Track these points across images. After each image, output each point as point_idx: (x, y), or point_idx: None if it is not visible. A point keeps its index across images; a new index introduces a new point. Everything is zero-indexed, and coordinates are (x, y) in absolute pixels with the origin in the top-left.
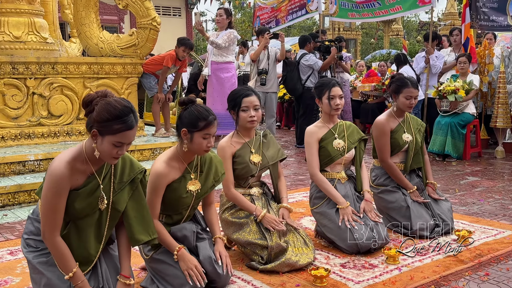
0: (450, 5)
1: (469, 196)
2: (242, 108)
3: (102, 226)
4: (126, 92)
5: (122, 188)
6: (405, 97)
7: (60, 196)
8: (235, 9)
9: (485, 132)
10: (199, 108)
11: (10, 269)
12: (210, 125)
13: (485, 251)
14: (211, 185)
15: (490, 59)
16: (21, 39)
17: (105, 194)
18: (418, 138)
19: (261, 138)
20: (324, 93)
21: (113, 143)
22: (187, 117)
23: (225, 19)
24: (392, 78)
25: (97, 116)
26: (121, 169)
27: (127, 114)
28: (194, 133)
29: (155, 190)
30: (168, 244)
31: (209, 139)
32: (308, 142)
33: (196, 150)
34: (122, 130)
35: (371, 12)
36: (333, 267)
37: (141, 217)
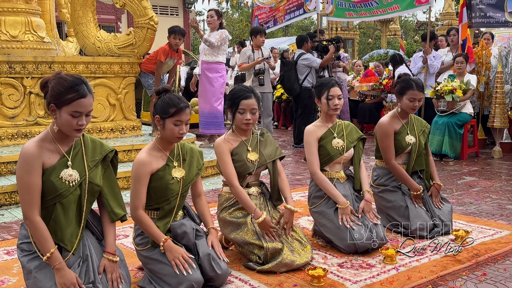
0: (447, 5)
1: (467, 196)
2: (239, 110)
3: (82, 201)
4: (123, 91)
5: (96, 165)
6: (409, 99)
7: (32, 174)
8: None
9: (483, 132)
10: (172, 96)
11: (7, 269)
12: (180, 111)
13: (483, 251)
14: (196, 173)
15: (487, 59)
16: (18, 39)
17: (79, 171)
18: (422, 140)
19: (258, 137)
20: (323, 93)
21: (70, 114)
22: (160, 105)
23: (216, 20)
24: (398, 78)
25: (52, 91)
26: (92, 148)
27: (78, 84)
28: (166, 120)
29: (139, 178)
30: (154, 235)
31: (181, 125)
32: (307, 141)
33: (169, 136)
34: (76, 98)
35: (368, 11)
36: (331, 267)
37: (114, 193)
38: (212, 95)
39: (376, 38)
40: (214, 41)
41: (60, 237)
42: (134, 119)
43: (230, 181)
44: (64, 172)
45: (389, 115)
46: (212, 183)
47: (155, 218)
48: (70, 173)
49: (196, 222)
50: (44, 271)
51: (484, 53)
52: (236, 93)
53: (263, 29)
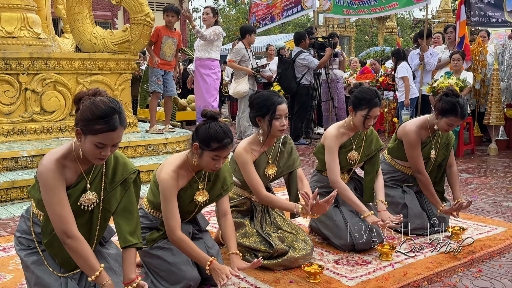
0: (444, 2)
1: (462, 193)
2: (276, 116)
3: (93, 227)
4: (119, 88)
5: (114, 188)
6: (448, 123)
7: (60, 189)
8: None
9: (478, 129)
10: (218, 128)
11: (3, 265)
12: (223, 148)
13: (478, 248)
14: (218, 194)
15: (484, 57)
16: (13, 35)
17: (97, 194)
18: (441, 153)
19: (280, 147)
20: (363, 109)
21: (95, 144)
22: (203, 133)
23: (211, 17)
24: (446, 95)
25: (81, 115)
26: (113, 169)
27: (110, 115)
28: (205, 151)
29: (168, 199)
30: (199, 258)
31: (218, 160)
32: (329, 147)
33: (204, 167)
34: (104, 131)
35: (367, 9)
36: (327, 263)
37: (131, 218)
38: (206, 91)
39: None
40: (206, 34)
41: (58, 256)
42: (131, 116)
43: (257, 190)
44: (83, 197)
45: (417, 125)
46: None
47: (159, 219)
48: (89, 197)
49: (200, 226)
50: (42, 267)
51: (480, 51)
52: (267, 99)
53: (254, 28)
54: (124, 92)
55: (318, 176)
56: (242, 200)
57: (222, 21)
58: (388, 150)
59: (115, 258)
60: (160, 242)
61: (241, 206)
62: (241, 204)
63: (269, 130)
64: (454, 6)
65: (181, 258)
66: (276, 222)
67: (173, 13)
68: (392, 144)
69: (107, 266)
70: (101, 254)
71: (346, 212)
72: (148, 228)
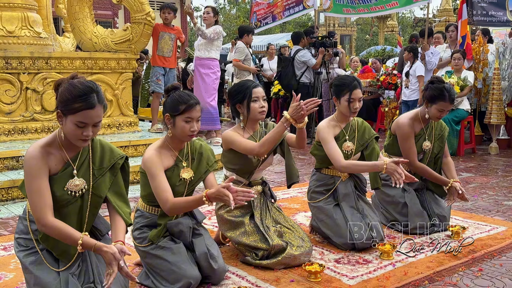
0: (445, 2)
1: None
2: (253, 98)
3: (84, 213)
4: (120, 87)
5: (102, 174)
6: (438, 109)
7: (40, 178)
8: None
9: (479, 129)
10: (181, 93)
11: (4, 264)
12: (190, 108)
13: (479, 247)
14: (205, 171)
15: (485, 56)
16: (14, 34)
17: (85, 181)
18: (437, 145)
19: (264, 130)
20: (344, 94)
21: (75, 123)
22: (169, 102)
23: (212, 16)
24: (431, 83)
25: (60, 97)
26: (100, 156)
27: (87, 93)
28: (176, 117)
29: (155, 174)
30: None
31: (191, 123)
32: (324, 137)
33: (180, 135)
34: (82, 108)
35: (367, 7)
36: (327, 262)
37: (126, 201)
38: (205, 91)
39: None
40: (207, 32)
41: (55, 249)
42: (131, 115)
43: (252, 147)
44: (69, 183)
45: (410, 117)
46: None
47: (156, 215)
48: (76, 183)
49: (197, 219)
50: (40, 267)
51: (481, 50)
52: (243, 85)
53: (252, 28)
54: (125, 91)
55: (317, 175)
56: None
57: (222, 20)
58: (385, 148)
59: None
60: (160, 241)
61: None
62: None
63: (248, 114)
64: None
65: (181, 257)
66: (275, 216)
67: (169, 10)
68: (387, 140)
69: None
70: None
71: (347, 208)
72: (146, 227)
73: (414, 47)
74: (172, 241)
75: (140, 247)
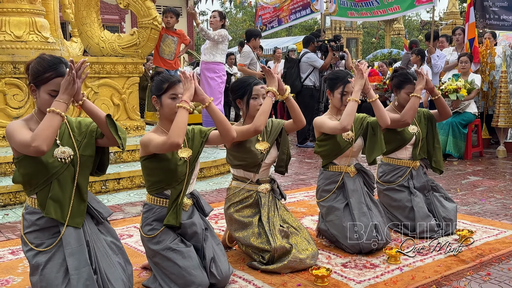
0: (451, 4)
1: (471, 195)
2: (253, 96)
3: (75, 175)
4: (127, 91)
5: (84, 137)
6: (407, 92)
7: (26, 130)
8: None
9: (487, 132)
10: (163, 74)
11: (12, 268)
12: (174, 84)
13: (487, 251)
14: (200, 143)
15: (492, 59)
16: (22, 39)
17: (70, 147)
18: (423, 124)
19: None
20: (338, 87)
21: (48, 93)
22: (154, 85)
23: (218, 20)
24: (395, 72)
25: (31, 71)
26: (77, 126)
27: (57, 63)
28: (162, 97)
29: (156, 137)
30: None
31: (177, 99)
32: (321, 121)
33: (168, 113)
34: (53, 77)
35: (369, 11)
36: (334, 266)
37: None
38: (210, 94)
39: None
40: (210, 32)
41: (60, 215)
42: (138, 119)
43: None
44: (57, 151)
45: (387, 109)
46: (216, 183)
47: (164, 206)
48: (63, 150)
49: (205, 213)
50: (50, 265)
51: (488, 53)
52: (244, 81)
53: (259, 32)
54: (132, 95)
55: (324, 173)
56: (247, 192)
57: (229, 24)
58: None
59: (110, 245)
60: (171, 243)
61: (248, 200)
62: (247, 198)
63: (247, 110)
64: (462, 8)
65: (192, 262)
66: (283, 215)
67: (171, 14)
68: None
69: (102, 252)
70: (99, 237)
71: (355, 205)
72: (156, 221)
73: (422, 50)
74: (183, 242)
75: (150, 246)
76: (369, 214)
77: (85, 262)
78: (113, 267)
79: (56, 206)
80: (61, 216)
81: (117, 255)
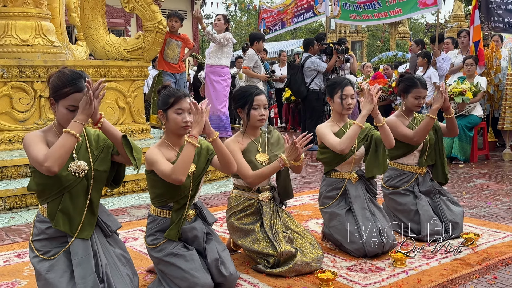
0: (456, 7)
1: (477, 199)
2: (254, 106)
3: (88, 190)
4: (132, 95)
5: (101, 151)
6: (414, 97)
7: (42, 143)
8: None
9: (493, 135)
10: (170, 88)
11: (17, 271)
12: (180, 99)
13: (493, 254)
14: (206, 161)
15: (498, 61)
16: (28, 43)
17: (85, 162)
18: (431, 135)
19: (266, 136)
20: (336, 92)
21: (67, 107)
22: (160, 99)
23: (222, 23)
24: (401, 77)
25: (51, 85)
26: (95, 139)
27: (76, 79)
28: (168, 111)
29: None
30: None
31: (183, 114)
32: (323, 132)
33: (174, 128)
34: (71, 92)
35: (371, 14)
36: (340, 270)
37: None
38: (215, 98)
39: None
40: (217, 36)
41: (68, 227)
42: (143, 122)
43: (245, 174)
44: (72, 165)
45: (395, 115)
46: (220, 186)
47: (168, 218)
48: (77, 164)
49: (208, 223)
50: (55, 270)
51: (494, 55)
52: (246, 91)
53: (262, 35)
54: (137, 98)
55: (326, 180)
56: (248, 201)
57: (234, 27)
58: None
59: (118, 256)
60: (173, 248)
61: (249, 208)
62: (248, 206)
63: (248, 120)
64: (467, 10)
65: (194, 264)
66: (286, 222)
67: (176, 18)
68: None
69: (111, 262)
70: (107, 249)
71: (358, 211)
72: (159, 232)
73: (428, 52)
74: (185, 247)
75: (154, 254)
76: (372, 219)
77: (90, 270)
78: (121, 278)
79: (65, 219)
80: (69, 229)
81: (125, 266)
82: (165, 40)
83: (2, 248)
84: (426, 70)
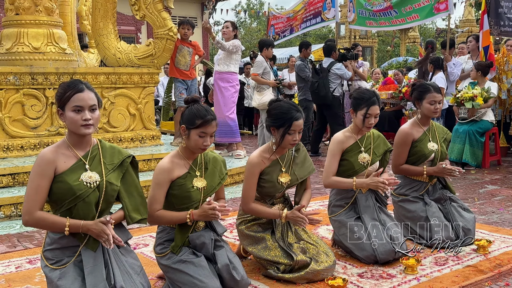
0: (467, 12)
1: (489, 205)
2: (290, 131)
3: (98, 201)
4: (143, 101)
5: (113, 169)
6: (429, 102)
7: (43, 178)
8: (250, 18)
9: (504, 140)
10: (199, 107)
11: (29, 277)
12: (206, 123)
13: (505, 261)
14: (218, 182)
15: (509, 66)
16: (40, 50)
17: (97, 174)
18: (444, 146)
19: (293, 153)
20: (362, 109)
21: (73, 110)
22: (187, 115)
23: (231, 31)
24: (413, 85)
25: (56, 96)
26: (110, 153)
27: (75, 82)
28: (191, 130)
29: (159, 184)
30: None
31: (205, 137)
32: (331, 150)
33: (193, 147)
34: (73, 94)
35: (388, 20)
36: (351, 277)
37: (132, 197)
38: (224, 104)
39: (395, 45)
40: (226, 45)
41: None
42: (154, 129)
43: (246, 201)
44: (84, 175)
45: (410, 123)
46: (231, 192)
47: (175, 227)
48: (89, 175)
49: (217, 232)
50: (66, 277)
51: (505, 60)
52: (286, 112)
53: (271, 41)
54: (148, 105)
55: (336, 189)
56: None
57: (244, 33)
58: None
59: (131, 266)
60: (182, 255)
61: (261, 219)
62: (260, 218)
63: (281, 142)
64: (478, 15)
65: (203, 271)
66: (298, 233)
67: (188, 26)
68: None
69: (123, 271)
70: (119, 258)
71: (368, 220)
72: (168, 241)
73: (436, 58)
74: (194, 254)
75: (162, 262)
76: (383, 229)
77: (101, 278)
78: (135, 286)
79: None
80: (78, 239)
81: (138, 275)
82: (176, 47)
83: (14, 254)
84: (433, 75)
